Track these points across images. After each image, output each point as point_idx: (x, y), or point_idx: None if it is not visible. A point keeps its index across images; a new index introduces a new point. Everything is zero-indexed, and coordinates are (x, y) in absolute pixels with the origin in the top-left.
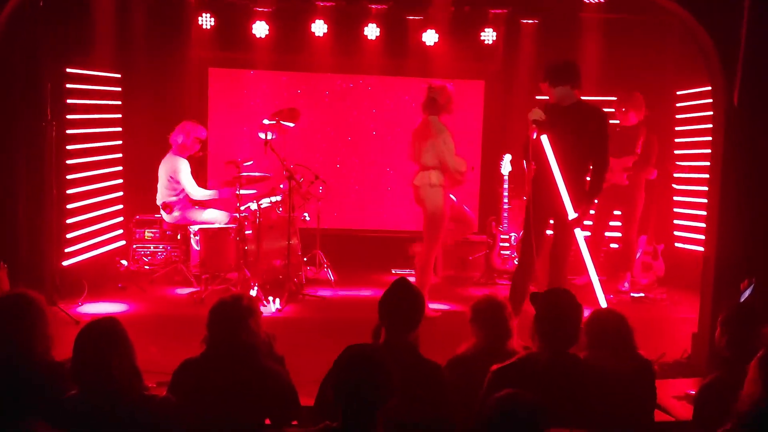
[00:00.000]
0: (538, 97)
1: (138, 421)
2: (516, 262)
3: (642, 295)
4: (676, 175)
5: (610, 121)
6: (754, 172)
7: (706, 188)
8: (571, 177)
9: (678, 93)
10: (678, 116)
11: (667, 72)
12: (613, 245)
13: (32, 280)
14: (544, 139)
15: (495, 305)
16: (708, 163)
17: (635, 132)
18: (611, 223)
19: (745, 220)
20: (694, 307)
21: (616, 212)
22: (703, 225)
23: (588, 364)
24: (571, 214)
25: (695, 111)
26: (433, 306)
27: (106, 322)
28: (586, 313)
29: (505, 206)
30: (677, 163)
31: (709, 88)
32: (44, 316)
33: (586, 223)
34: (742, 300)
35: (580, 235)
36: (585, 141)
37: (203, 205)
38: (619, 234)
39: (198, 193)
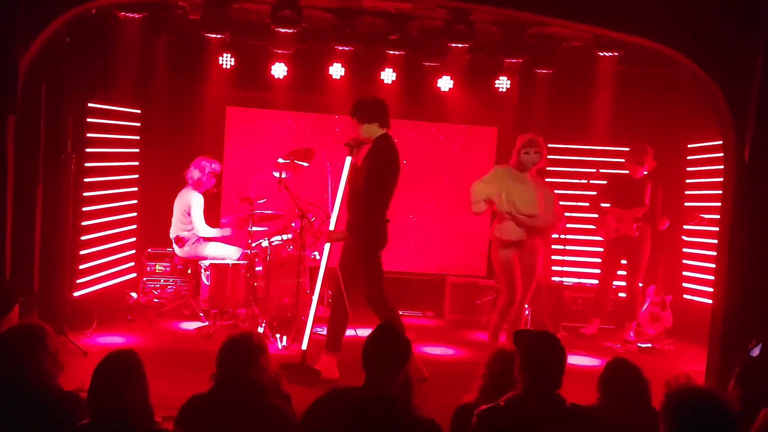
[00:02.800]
0: (549, 145)
1: None
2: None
3: (649, 345)
4: (685, 226)
5: (620, 172)
6: (764, 227)
7: (715, 240)
8: (353, 205)
9: (689, 146)
10: (689, 169)
11: (679, 125)
12: (622, 294)
13: (43, 310)
14: (347, 161)
15: (510, 355)
16: (718, 216)
17: (642, 183)
18: (619, 272)
19: (753, 273)
20: (702, 360)
21: (623, 261)
22: (712, 277)
23: (576, 406)
24: (331, 226)
25: (706, 164)
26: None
27: (128, 354)
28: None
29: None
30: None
31: (721, 142)
32: (52, 346)
33: (593, 271)
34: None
35: (326, 249)
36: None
37: (215, 240)
38: (624, 283)
39: (204, 230)
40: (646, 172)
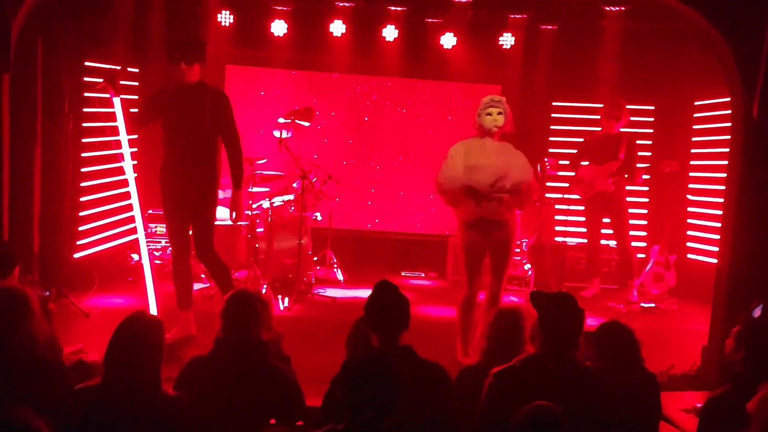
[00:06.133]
0: (554, 103)
1: (152, 416)
2: (526, 268)
3: (653, 305)
4: (691, 186)
5: (594, 129)
6: None
7: (721, 200)
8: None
9: (696, 103)
10: (695, 127)
11: (685, 82)
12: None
13: (43, 272)
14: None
15: (513, 314)
16: (724, 175)
17: (618, 138)
18: (605, 231)
19: (760, 233)
20: (705, 319)
21: (606, 220)
22: (717, 236)
23: (589, 368)
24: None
25: (713, 122)
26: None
27: (153, 321)
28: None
29: (517, 212)
30: (692, 174)
31: (728, 99)
32: (32, 310)
33: (580, 230)
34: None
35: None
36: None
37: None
38: (614, 243)
39: None
40: (622, 129)
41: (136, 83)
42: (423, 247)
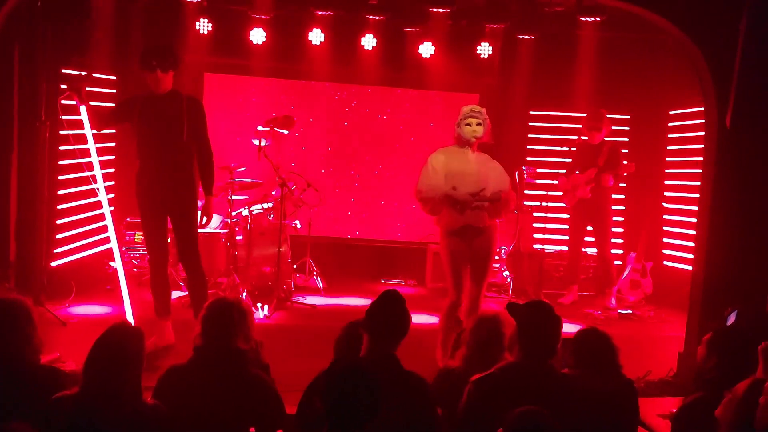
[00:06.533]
0: (531, 112)
1: (131, 426)
2: (504, 275)
3: (630, 312)
4: (666, 194)
5: (571, 138)
6: (744, 193)
7: (696, 207)
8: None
9: (671, 112)
10: (670, 135)
11: (661, 91)
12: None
13: (20, 280)
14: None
15: (493, 321)
16: (699, 183)
17: (600, 148)
18: (587, 239)
19: (734, 240)
20: (681, 326)
21: (589, 228)
22: (692, 244)
23: (567, 375)
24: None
25: (687, 131)
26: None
27: (135, 331)
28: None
29: (495, 220)
30: (667, 182)
31: (702, 108)
32: (32, 320)
33: (562, 238)
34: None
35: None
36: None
37: None
38: (595, 250)
39: None
40: (605, 138)
41: (114, 90)
42: (402, 254)
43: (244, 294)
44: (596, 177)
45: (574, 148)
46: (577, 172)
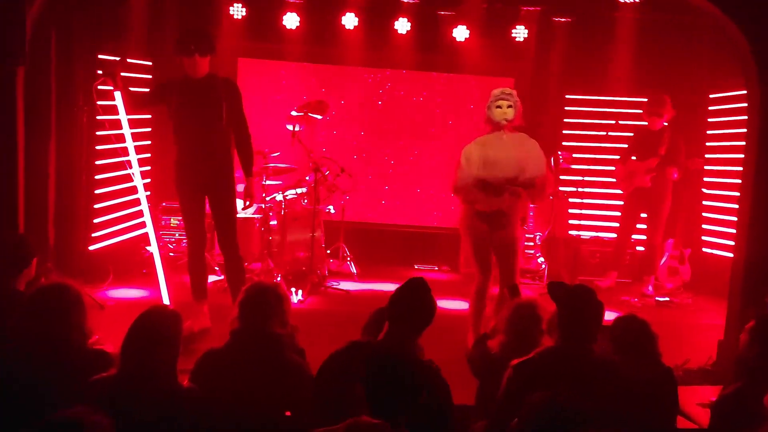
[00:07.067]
0: (567, 96)
1: (167, 408)
2: (539, 261)
3: (667, 299)
4: (706, 179)
5: (641, 123)
6: None
7: (736, 193)
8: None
9: (711, 96)
10: (710, 119)
11: (700, 74)
12: (640, 248)
13: (58, 264)
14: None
15: (530, 307)
16: (740, 168)
17: (660, 134)
18: (638, 226)
19: None
20: (720, 314)
21: (643, 215)
22: (732, 230)
23: (610, 361)
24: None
25: (728, 115)
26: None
27: (171, 314)
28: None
29: (531, 205)
30: (707, 167)
31: (744, 92)
32: (83, 305)
33: (611, 225)
34: None
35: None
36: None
37: None
38: (644, 237)
39: None
40: (666, 123)
41: (149, 76)
42: (436, 240)
43: (279, 279)
44: (658, 167)
45: (611, 132)
46: (634, 158)
